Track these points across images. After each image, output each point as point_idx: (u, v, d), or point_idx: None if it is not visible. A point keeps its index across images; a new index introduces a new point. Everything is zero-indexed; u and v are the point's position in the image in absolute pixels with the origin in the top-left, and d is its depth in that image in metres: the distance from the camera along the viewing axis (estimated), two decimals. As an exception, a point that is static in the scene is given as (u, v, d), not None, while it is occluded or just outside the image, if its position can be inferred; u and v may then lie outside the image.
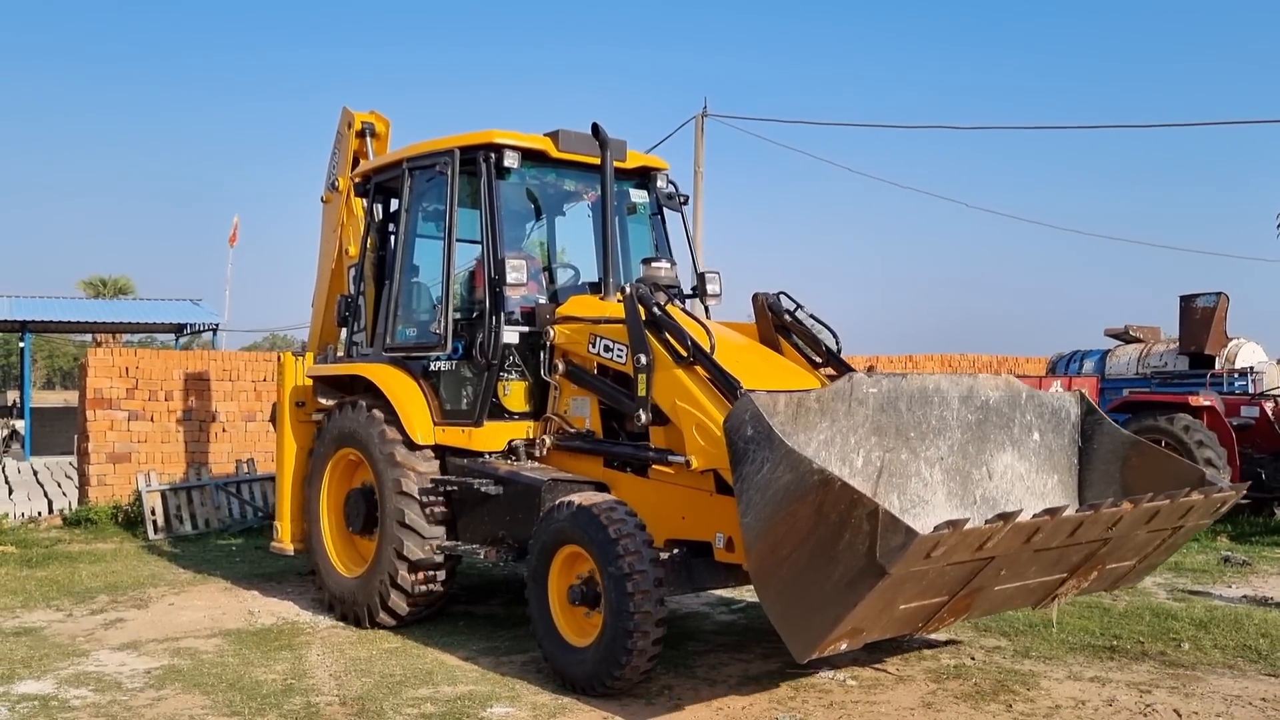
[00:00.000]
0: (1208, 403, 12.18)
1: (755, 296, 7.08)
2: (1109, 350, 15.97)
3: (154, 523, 11.66)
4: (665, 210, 8.14)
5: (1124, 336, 16.46)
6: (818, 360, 6.82)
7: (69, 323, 24.10)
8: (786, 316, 6.94)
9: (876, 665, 6.48)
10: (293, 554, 8.43)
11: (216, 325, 24.56)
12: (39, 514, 12.63)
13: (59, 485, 14.42)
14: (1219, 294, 14.45)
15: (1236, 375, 13.87)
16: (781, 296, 7.04)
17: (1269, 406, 12.32)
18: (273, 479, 12.31)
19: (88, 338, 30.33)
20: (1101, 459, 6.24)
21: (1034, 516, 4.52)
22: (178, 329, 25.37)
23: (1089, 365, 15.66)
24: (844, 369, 6.55)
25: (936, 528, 4.14)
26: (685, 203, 8.15)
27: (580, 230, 8.25)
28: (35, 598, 8.59)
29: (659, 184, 8.04)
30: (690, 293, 7.93)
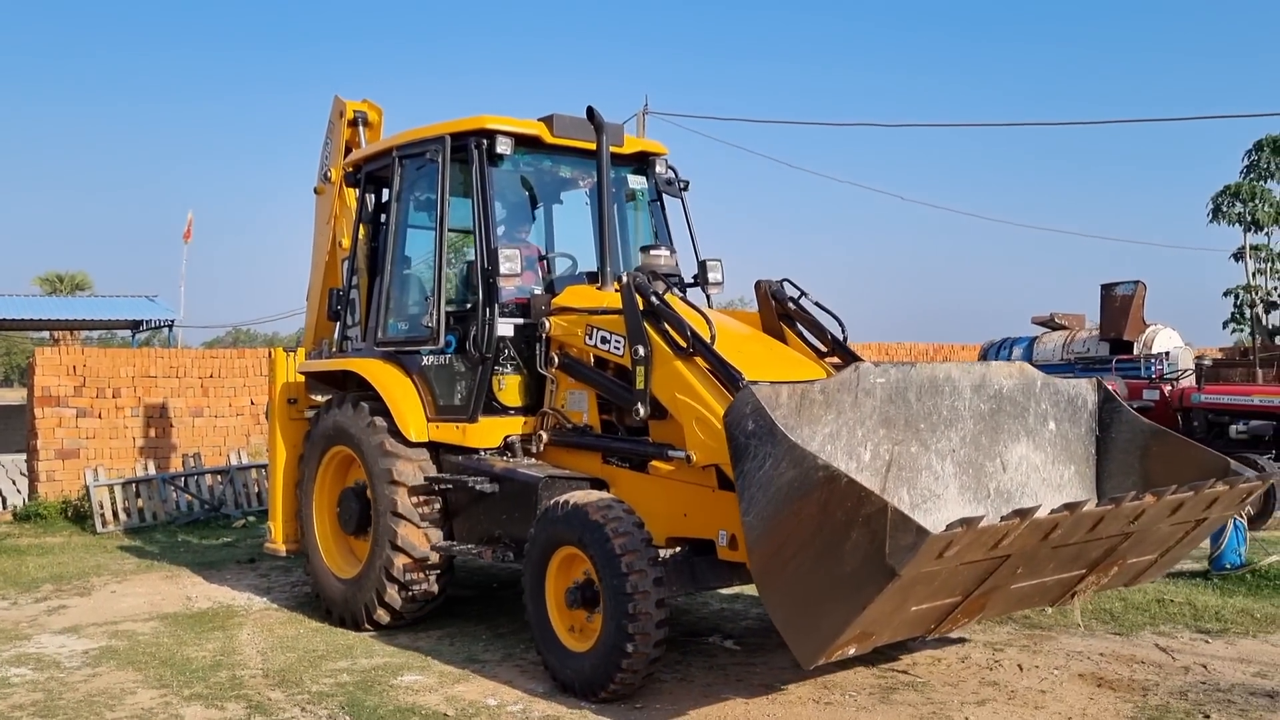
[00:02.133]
0: (1109, 387, 12.50)
1: (758, 284, 6.84)
2: (1036, 337, 16.50)
3: (101, 517, 11.82)
4: (665, 196, 7.89)
5: (1050, 324, 17.05)
6: (823, 349, 6.58)
7: (25, 320, 24.10)
8: (790, 305, 6.70)
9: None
10: (285, 555, 8.23)
11: (172, 321, 24.55)
12: None
13: (13, 482, 14.43)
14: (1137, 282, 15.19)
15: (1153, 360, 14.24)
16: (785, 284, 6.79)
17: (1168, 389, 12.70)
18: (219, 473, 12.64)
19: (46, 335, 30.25)
20: (1121, 448, 5.99)
21: (1052, 512, 4.27)
22: (134, 325, 25.31)
23: (1018, 352, 16.19)
24: (851, 358, 6.30)
25: (949, 526, 3.89)
26: (686, 188, 7.89)
27: (578, 218, 8.00)
28: (-18, 588, 8.76)
29: (658, 169, 7.78)
30: (692, 281, 7.69)
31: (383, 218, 7.93)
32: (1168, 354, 14.49)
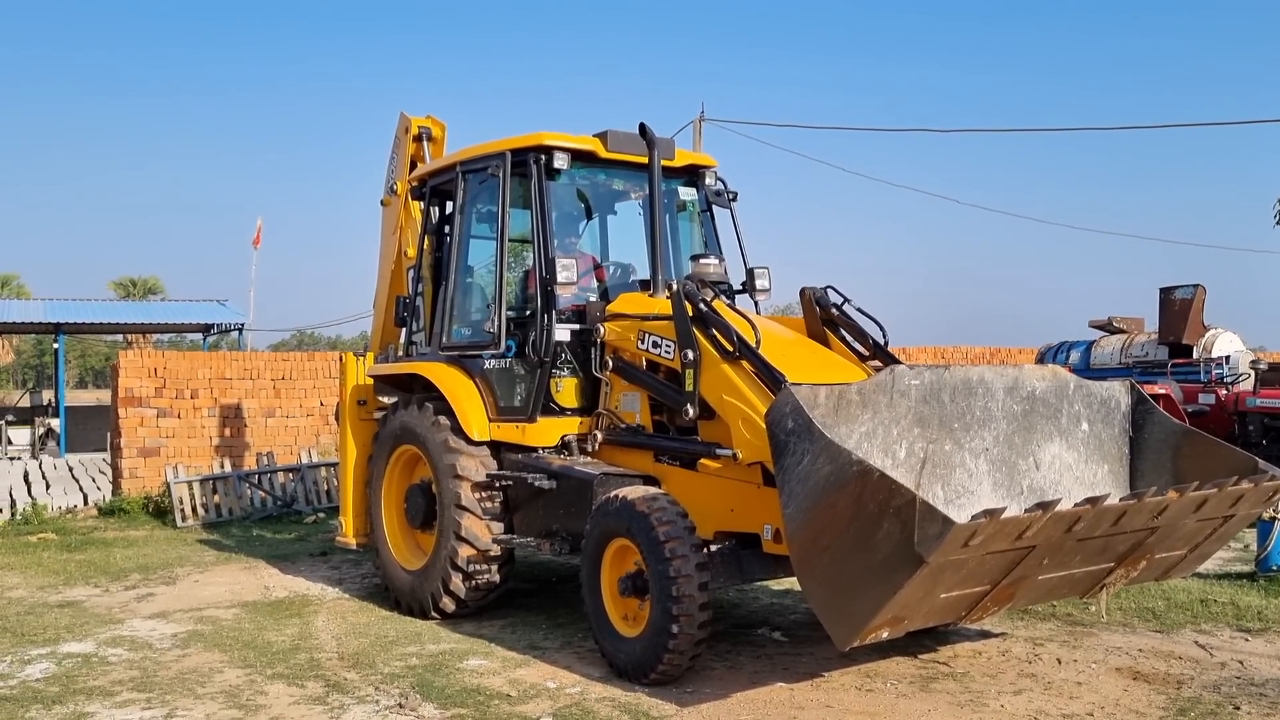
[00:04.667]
0: (1163, 391, 12.81)
1: (803, 291, 7.14)
2: (1094, 341, 16.50)
3: (181, 512, 12.50)
4: (715, 207, 8.23)
5: (1108, 328, 17.01)
6: (865, 354, 6.87)
7: (100, 324, 24.99)
8: (833, 310, 7.00)
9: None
10: (356, 548, 8.69)
11: (242, 325, 25.28)
12: (75, 506, 13.43)
13: (93, 480, 15.25)
14: (1196, 286, 15.20)
15: (1210, 364, 14.25)
16: (829, 290, 7.10)
17: (1224, 393, 12.88)
18: (291, 471, 13.29)
19: (119, 338, 31.09)
20: (1153, 448, 6.21)
21: (1075, 505, 4.55)
22: (205, 329, 26.09)
23: (1075, 356, 16.26)
24: (891, 362, 6.57)
25: (974, 516, 4.19)
26: (735, 199, 8.22)
27: (634, 228, 8.37)
28: (75, 577, 9.39)
29: (708, 181, 8.13)
30: (740, 288, 8.02)
31: (446, 229, 8.37)
32: (1228, 358, 14.44)
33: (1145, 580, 5.86)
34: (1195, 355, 14.78)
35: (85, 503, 13.54)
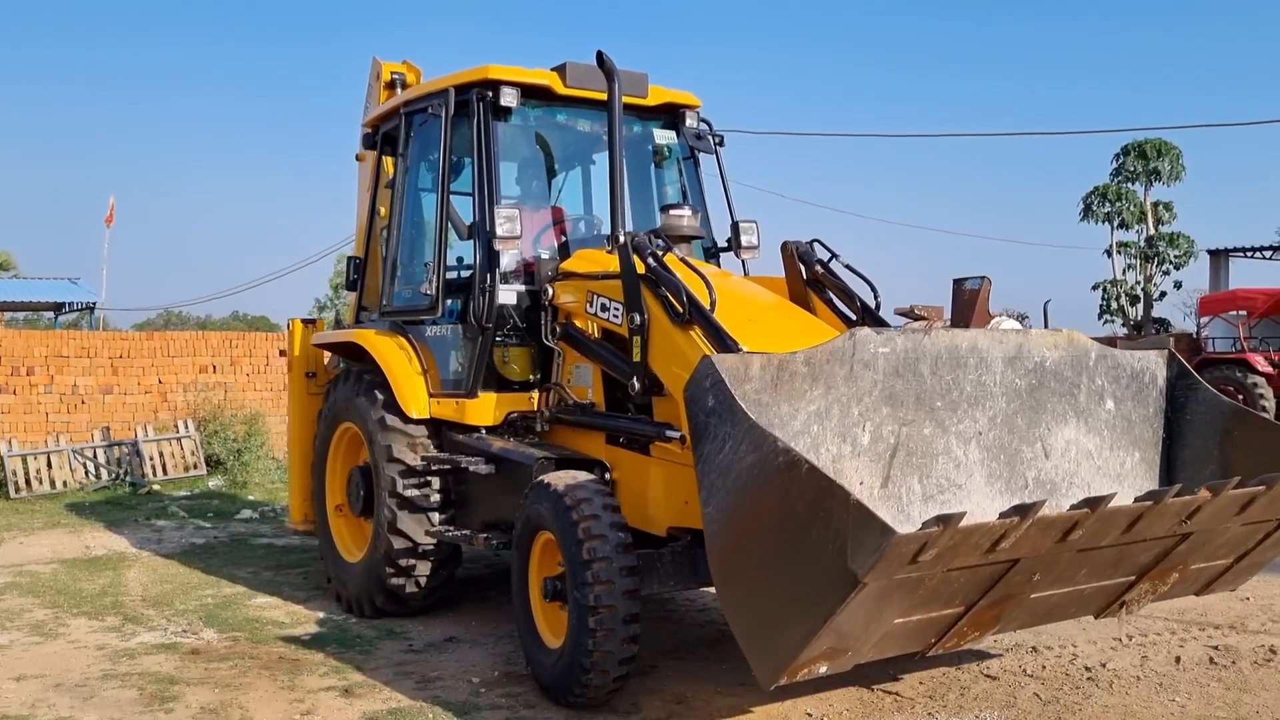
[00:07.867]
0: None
1: (784, 246, 6.15)
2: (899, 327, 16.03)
3: (15, 484, 12.57)
4: (699, 154, 7.22)
5: (910, 315, 16.47)
6: (853, 318, 5.86)
7: None
8: (818, 268, 5.98)
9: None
10: (301, 533, 7.92)
11: (94, 304, 24.79)
12: None
13: None
14: (983, 277, 14.63)
15: None
16: (815, 245, 6.08)
17: None
18: (126, 445, 13.56)
19: None
20: (1196, 432, 5.10)
21: (1073, 508, 3.51)
22: (56, 308, 25.60)
23: None
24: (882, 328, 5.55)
25: (924, 524, 3.19)
26: (721, 144, 7.21)
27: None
28: (-100, 543, 9.66)
29: (689, 123, 7.11)
30: (725, 245, 7.03)
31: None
32: None
33: (1179, 595, 4.77)
34: None
35: None
